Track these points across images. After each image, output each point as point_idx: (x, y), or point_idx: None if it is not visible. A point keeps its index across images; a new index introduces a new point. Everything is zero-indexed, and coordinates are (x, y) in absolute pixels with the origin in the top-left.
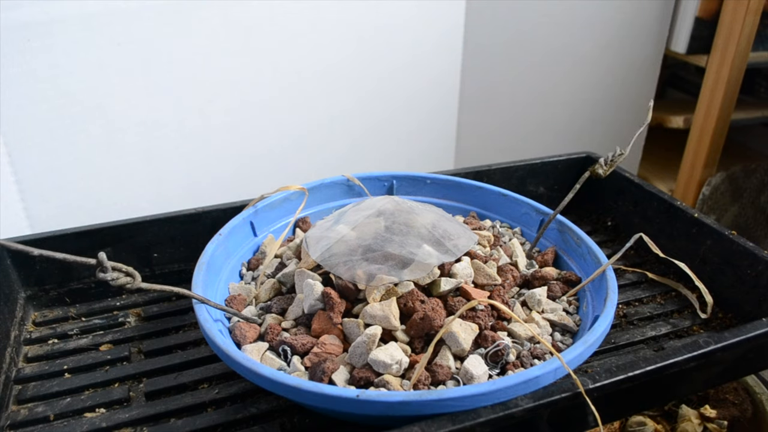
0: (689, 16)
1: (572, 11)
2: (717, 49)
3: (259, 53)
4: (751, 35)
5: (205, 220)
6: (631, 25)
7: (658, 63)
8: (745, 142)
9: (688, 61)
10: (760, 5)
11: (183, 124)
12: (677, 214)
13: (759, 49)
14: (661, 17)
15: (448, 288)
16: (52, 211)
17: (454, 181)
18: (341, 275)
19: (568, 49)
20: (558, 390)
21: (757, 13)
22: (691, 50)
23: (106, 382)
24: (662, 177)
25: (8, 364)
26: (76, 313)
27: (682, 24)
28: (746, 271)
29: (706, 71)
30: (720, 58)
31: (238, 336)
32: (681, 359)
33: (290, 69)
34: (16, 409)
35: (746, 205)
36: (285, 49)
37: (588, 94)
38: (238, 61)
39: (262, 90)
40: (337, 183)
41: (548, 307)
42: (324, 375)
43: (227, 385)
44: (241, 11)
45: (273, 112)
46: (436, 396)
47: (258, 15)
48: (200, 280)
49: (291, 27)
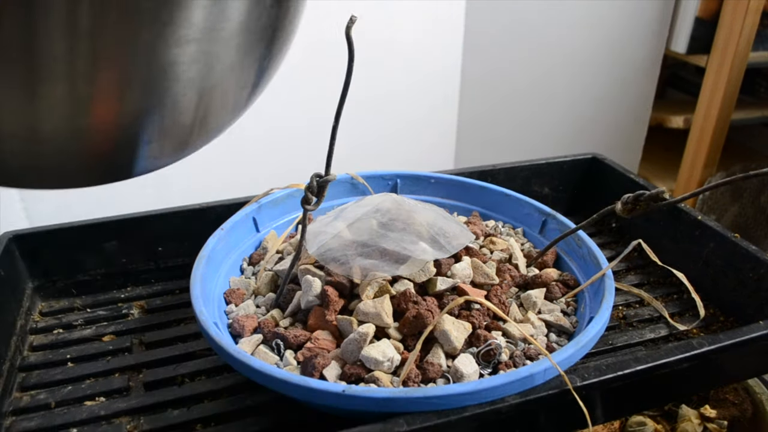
0: (689, 16)
1: (572, 11)
2: (717, 49)
3: None
4: (751, 35)
5: (209, 215)
6: (631, 25)
7: (658, 63)
8: (745, 142)
9: (688, 61)
10: (760, 5)
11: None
12: (680, 217)
13: (759, 49)
14: (661, 17)
15: (444, 287)
16: (51, 210)
17: (457, 180)
18: (336, 270)
19: (567, 49)
20: (545, 387)
21: (757, 13)
22: (691, 50)
23: (107, 372)
24: (662, 177)
25: (13, 353)
26: (82, 304)
27: (682, 24)
28: (748, 274)
29: (706, 71)
30: (720, 58)
31: (237, 329)
32: (673, 360)
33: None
34: (19, 396)
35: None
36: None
37: (588, 94)
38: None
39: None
40: (341, 181)
41: (545, 308)
42: (315, 370)
43: (224, 378)
44: None
45: (273, 112)
46: (422, 393)
47: None
48: (199, 273)
49: None
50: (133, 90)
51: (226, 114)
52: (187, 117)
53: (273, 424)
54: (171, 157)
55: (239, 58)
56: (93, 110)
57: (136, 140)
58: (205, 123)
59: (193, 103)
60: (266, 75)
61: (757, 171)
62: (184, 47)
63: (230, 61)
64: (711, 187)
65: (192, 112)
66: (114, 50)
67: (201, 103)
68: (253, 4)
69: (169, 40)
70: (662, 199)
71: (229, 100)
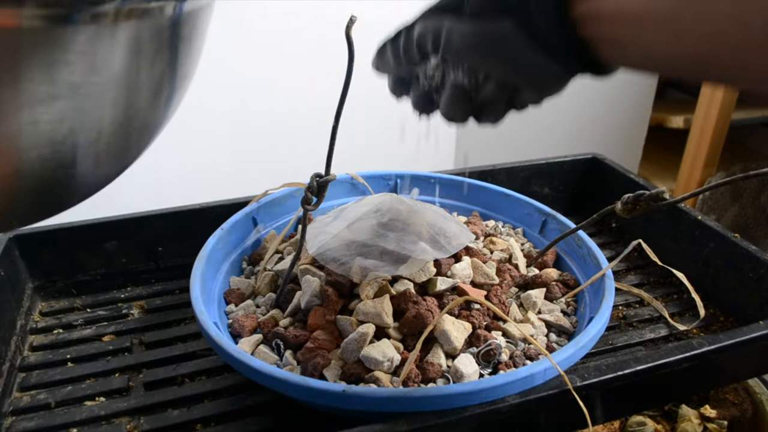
0: None
1: None
2: None
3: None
4: None
5: (209, 215)
6: None
7: None
8: (745, 142)
9: None
10: None
11: (183, 123)
12: (680, 217)
13: None
14: None
15: (444, 287)
16: None
17: (457, 180)
18: (336, 270)
19: None
20: (545, 387)
21: None
22: None
23: (107, 372)
24: (662, 177)
25: (13, 353)
26: (82, 304)
27: None
28: (748, 274)
29: None
30: None
31: (237, 329)
32: (673, 360)
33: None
34: (20, 396)
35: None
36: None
37: (588, 94)
38: (240, 60)
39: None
40: (341, 181)
41: (545, 308)
42: (315, 370)
43: (224, 378)
44: (241, 10)
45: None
46: (422, 393)
47: (258, 14)
48: (199, 272)
49: (291, 27)
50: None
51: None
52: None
53: (273, 424)
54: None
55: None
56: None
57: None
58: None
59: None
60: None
61: (757, 171)
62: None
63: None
64: (711, 187)
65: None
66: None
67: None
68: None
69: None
70: (662, 199)
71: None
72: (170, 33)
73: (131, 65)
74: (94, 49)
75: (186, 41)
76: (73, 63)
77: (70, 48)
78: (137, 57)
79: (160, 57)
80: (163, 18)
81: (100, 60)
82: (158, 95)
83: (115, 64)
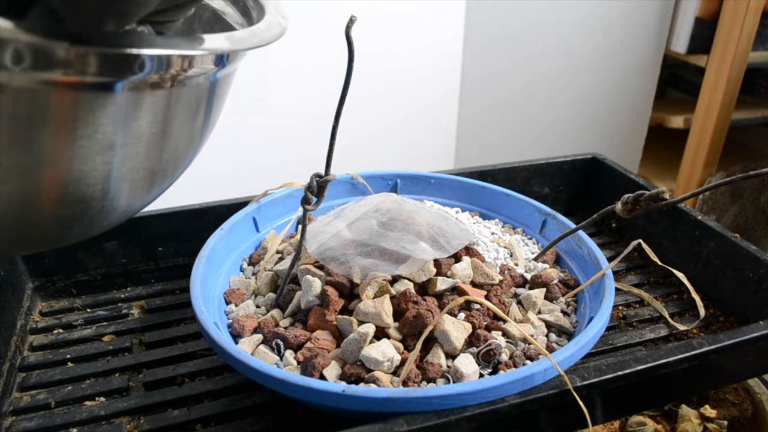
0: (689, 16)
1: (572, 11)
2: (717, 49)
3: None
4: (751, 35)
5: (209, 215)
6: (631, 25)
7: (658, 63)
8: (745, 142)
9: (688, 61)
10: (760, 5)
11: None
12: (680, 217)
13: (759, 49)
14: (661, 17)
15: (444, 287)
16: None
17: (457, 180)
18: (336, 270)
19: (568, 49)
20: (545, 387)
21: (757, 13)
22: (691, 50)
23: (106, 372)
24: (662, 177)
25: (13, 353)
26: (82, 304)
27: (682, 24)
28: (748, 274)
29: (706, 71)
30: (720, 58)
31: (237, 329)
32: (673, 360)
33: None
34: (19, 396)
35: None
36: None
37: (588, 94)
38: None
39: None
40: (341, 181)
41: (545, 308)
42: (315, 370)
43: (224, 378)
44: None
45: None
46: (422, 393)
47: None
48: (199, 272)
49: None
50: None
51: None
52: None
53: (273, 424)
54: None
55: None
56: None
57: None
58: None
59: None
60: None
61: (757, 171)
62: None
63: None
64: (711, 187)
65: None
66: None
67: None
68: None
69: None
70: (662, 199)
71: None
72: (208, 94)
73: (170, 123)
74: (136, 112)
75: (220, 97)
76: (117, 123)
77: (113, 112)
78: (176, 117)
79: (197, 113)
80: (202, 84)
81: (141, 119)
82: (191, 142)
83: (157, 124)
